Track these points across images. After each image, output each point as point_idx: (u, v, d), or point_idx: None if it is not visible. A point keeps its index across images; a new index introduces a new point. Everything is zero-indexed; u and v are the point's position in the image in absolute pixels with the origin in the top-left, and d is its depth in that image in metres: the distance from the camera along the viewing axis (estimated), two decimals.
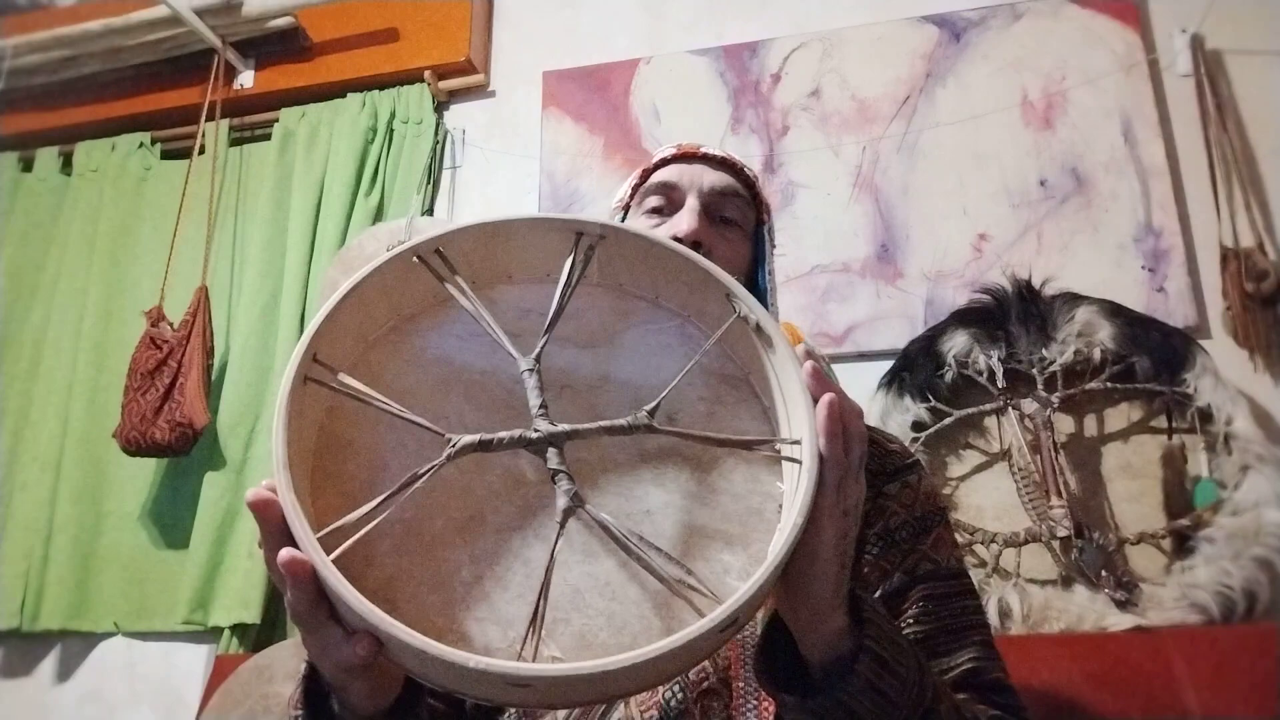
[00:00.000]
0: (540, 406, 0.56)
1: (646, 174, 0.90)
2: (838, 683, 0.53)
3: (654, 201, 0.86)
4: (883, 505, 0.76)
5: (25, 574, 2.00)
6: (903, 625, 0.71)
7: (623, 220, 0.91)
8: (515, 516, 0.54)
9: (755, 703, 0.67)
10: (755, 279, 0.87)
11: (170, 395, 1.89)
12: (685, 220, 0.81)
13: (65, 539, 2.01)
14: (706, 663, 0.68)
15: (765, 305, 0.84)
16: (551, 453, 0.54)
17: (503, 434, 0.54)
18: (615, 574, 0.52)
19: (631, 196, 0.90)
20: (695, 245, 0.79)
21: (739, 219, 0.85)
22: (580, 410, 0.59)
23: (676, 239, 0.78)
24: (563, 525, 0.52)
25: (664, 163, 0.88)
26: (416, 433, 0.54)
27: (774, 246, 0.90)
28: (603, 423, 0.56)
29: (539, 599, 0.49)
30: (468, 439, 0.53)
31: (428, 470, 0.51)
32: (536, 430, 0.54)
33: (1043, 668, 1.39)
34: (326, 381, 0.54)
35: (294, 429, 0.51)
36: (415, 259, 0.60)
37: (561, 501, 0.52)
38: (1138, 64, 1.81)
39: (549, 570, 0.50)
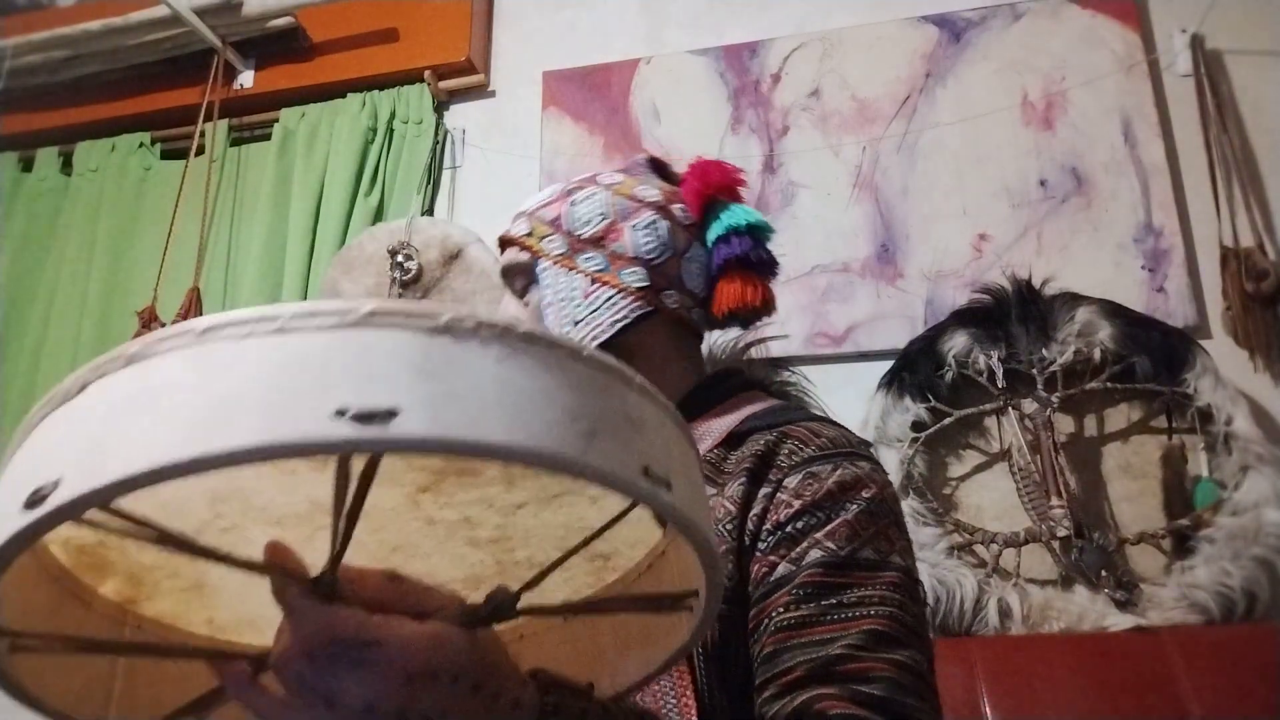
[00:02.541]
0: None
1: None
2: None
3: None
4: (777, 500, 0.72)
5: None
6: (775, 611, 0.67)
7: None
8: None
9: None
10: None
11: None
12: None
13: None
14: None
15: None
16: None
17: None
18: None
19: None
20: None
21: (525, 280, 0.86)
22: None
23: None
24: None
25: None
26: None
27: (589, 246, 0.84)
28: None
29: None
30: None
31: None
32: None
33: (1043, 668, 1.39)
34: None
35: None
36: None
37: None
38: (1138, 64, 1.81)
39: None
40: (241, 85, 2.31)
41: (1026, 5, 1.91)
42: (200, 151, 2.24)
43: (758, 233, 0.86)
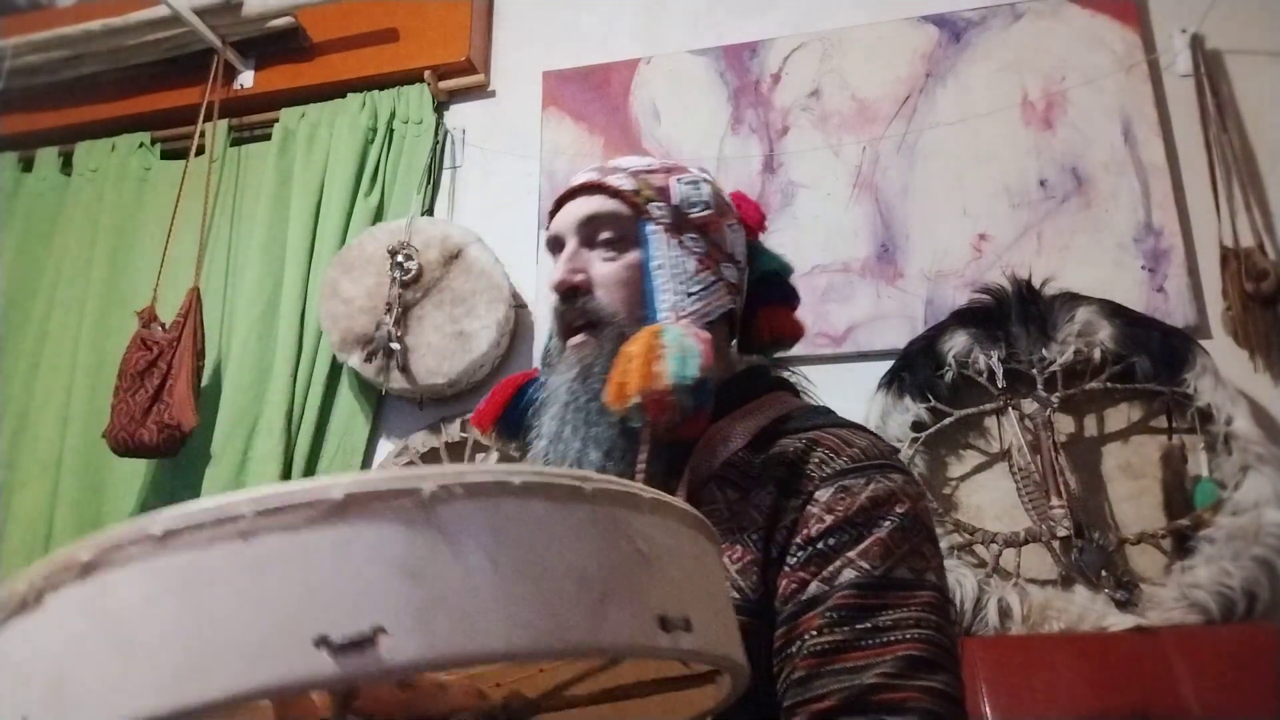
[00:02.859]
0: None
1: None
2: None
3: (553, 258, 0.86)
4: (808, 513, 0.69)
5: None
6: (807, 634, 0.64)
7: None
8: None
9: None
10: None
11: (159, 397, 1.89)
12: (556, 271, 0.82)
13: (65, 539, 2.00)
14: None
15: (652, 309, 0.79)
16: None
17: None
18: None
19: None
20: (572, 291, 0.80)
21: (613, 235, 0.82)
22: None
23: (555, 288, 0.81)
24: None
25: (553, 214, 0.87)
26: None
27: (691, 228, 0.83)
28: None
29: None
30: None
31: None
32: None
33: (1043, 668, 1.39)
34: None
35: None
36: None
37: None
38: (1138, 64, 1.81)
39: None
40: (241, 85, 2.31)
41: (1026, 5, 1.91)
42: (200, 151, 2.24)
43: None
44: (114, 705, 0.28)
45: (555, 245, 0.85)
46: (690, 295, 0.80)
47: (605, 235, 0.82)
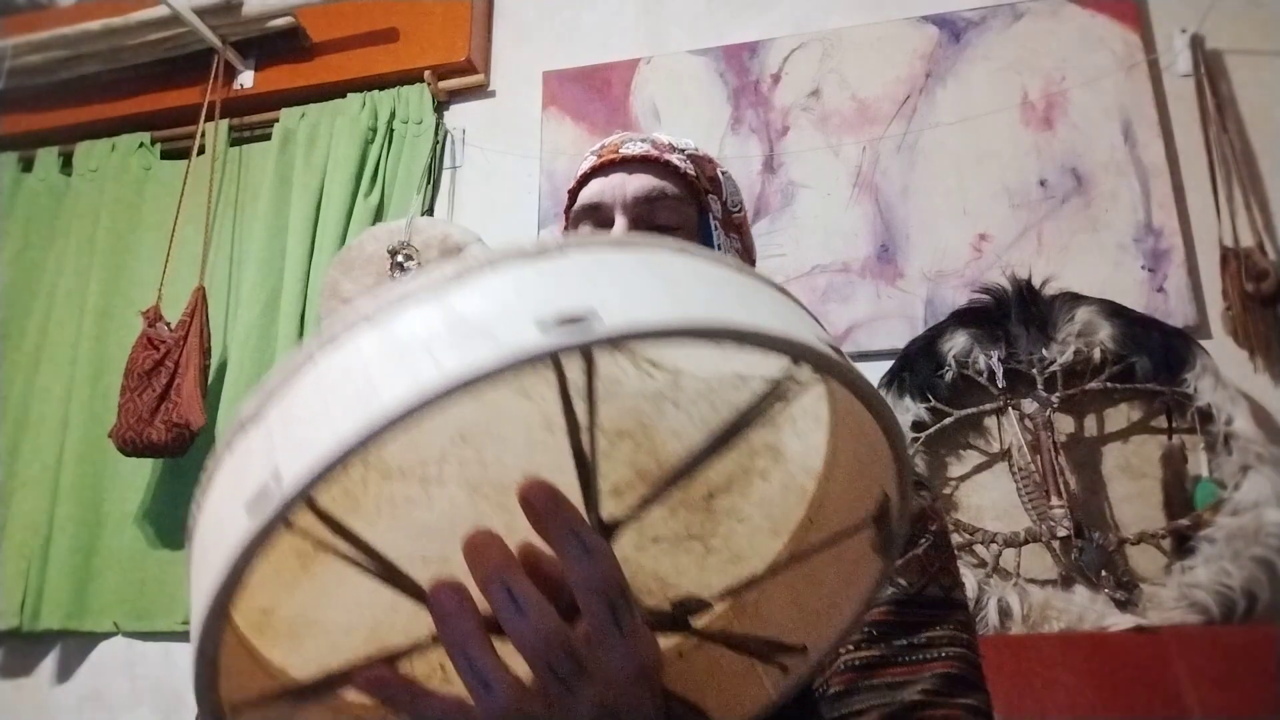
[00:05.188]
0: None
1: (573, 195, 0.80)
2: None
3: (585, 228, 0.77)
4: None
5: (25, 574, 2.00)
6: (845, 650, 0.64)
7: None
8: None
9: None
10: None
11: (167, 396, 1.89)
12: None
13: (65, 539, 2.01)
14: None
15: None
16: None
17: None
18: None
19: (567, 223, 0.81)
20: None
21: (674, 221, 0.75)
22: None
23: None
24: None
25: (586, 179, 0.78)
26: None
27: (733, 228, 0.81)
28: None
29: None
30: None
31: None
32: None
33: (1043, 668, 1.39)
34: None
35: None
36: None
37: None
38: (1138, 64, 1.81)
39: None
40: (241, 85, 2.31)
41: (1026, 5, 1.91)
42: (200, 151, 2.24)
43: None
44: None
45: (590, 215, 0.77)
46: None
47: (660, 221, 0.75)
